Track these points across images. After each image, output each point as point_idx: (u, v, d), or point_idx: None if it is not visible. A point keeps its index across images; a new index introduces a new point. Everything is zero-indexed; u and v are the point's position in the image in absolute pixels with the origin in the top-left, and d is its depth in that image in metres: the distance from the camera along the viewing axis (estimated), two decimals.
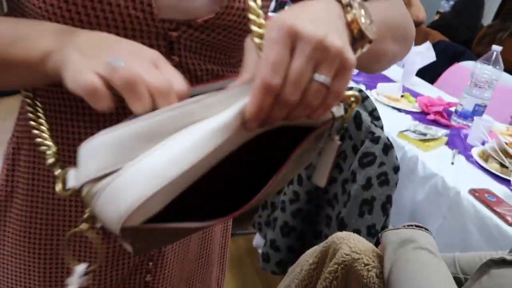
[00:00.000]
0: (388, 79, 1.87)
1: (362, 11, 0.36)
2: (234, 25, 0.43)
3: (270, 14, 0.55)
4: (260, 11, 0.34)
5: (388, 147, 1.01)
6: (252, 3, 0.34)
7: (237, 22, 0.43)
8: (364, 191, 1.02)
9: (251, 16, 0.33)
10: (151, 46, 0.39)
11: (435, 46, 2.54)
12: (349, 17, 0.35)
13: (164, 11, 0.40)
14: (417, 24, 2.94)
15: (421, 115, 1.51)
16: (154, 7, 0.39)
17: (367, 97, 1.15)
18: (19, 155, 0.48)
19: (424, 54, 1.80)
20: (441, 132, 1.31)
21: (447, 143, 1.31)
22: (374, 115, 1.15)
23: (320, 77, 0.31)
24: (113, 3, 0.38)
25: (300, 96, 0.31)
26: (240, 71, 0.35)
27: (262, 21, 0.33)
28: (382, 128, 1.13)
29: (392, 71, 2.00)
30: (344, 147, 1.11)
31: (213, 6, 0.42)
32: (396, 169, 1.02)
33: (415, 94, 1.70)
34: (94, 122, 0.44)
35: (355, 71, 1.83)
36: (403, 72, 1.88)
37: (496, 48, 1.42)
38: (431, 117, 1.48)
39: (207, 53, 0.45)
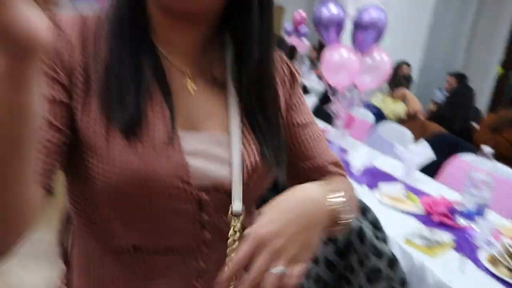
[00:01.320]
0: (389, 177, 1.93)
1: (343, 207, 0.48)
2: (260, 181, 0.56)
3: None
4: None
5: (393, 261, 1.03)
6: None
7: (254, 187, 0.54)
8: None
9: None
10: (184, 209, 0.51)
11: (433, 138, 2.64)
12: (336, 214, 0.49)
13: (196, 179, 0.50)
14: (413, 116, 3.10)
15: (426, 217, 1.53)
16: (190, 177, 0.49)
17: (369, 209, 1.20)
18: None
19: (422, 153, 1.88)
20: (446, 236, 1.33)
21: (454, 248, 1.32)
22: (377, 227, 1.18)
23: (275, 270, 0.43)
24: (162, 179, 0.47)
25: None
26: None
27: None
28: (385, 240, 1.16)
29: (393, 167, 2.07)
30: (350, 261, 1.13)
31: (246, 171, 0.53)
32: (403, 283, 1.03)
33: (418, 193, 1.73)
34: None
35: (360, 170, 1.90)
36: (403, 170, 1.94)
37: (488, 149, 1.50)
38: (436, 218, 1.50)
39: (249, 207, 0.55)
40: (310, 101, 2.86)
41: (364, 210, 1.22)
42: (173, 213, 0.51)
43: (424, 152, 1.89)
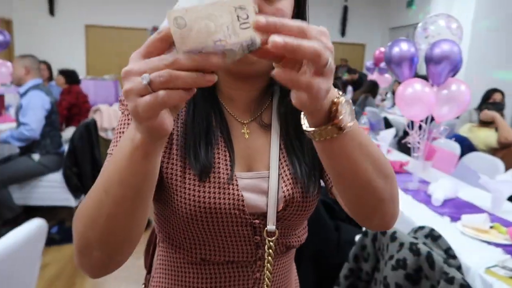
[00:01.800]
0: (475, 208, 1.86)
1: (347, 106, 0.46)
2: (296, 212, 0.66)
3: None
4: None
5: (465, 287, 1.05)
6: None
7: (296, 213, 0.66)
8: None
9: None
10: (241, 231, 0.64)
11: None
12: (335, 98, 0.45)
13: (250, 208, 0.64)
14: (507, 145, 2.90)
15: None
16: (245, 207, 0.63)
17: (440, 236, 1.23)
18: None
19: (510, 182, 1.80)
20: None
21: None
22: (450, 254, 1.20)
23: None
24: (222, 207, 0.62)
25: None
26: None
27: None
28: (459, 267, 1.17)
29: (479, 198, 1.99)
30: (422, 287, 1.16)
31: (280, 201, 0.65)
32: None
33: (507, 224, 1.66)
34: None
35: (440, 202, 1.88)
36: (491, 201, 1.87)
37: None
38: None
39: (280, 231, 0.67)
40: (390, 133, 2.88)
41: (435, 237, 1.25)
42: (232, 235, 0.65)
43: None
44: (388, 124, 4.45)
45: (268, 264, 0.67)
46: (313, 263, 1.64)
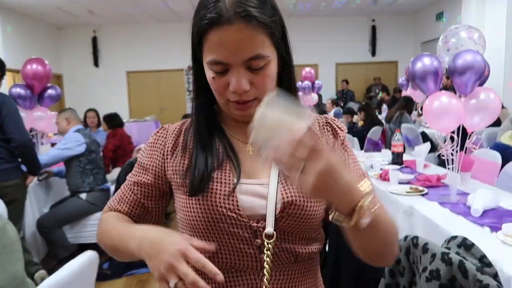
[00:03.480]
0: None
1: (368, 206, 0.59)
2: (296, 215, 0.73)
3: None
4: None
5: None
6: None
7: (296, 217, 0.73)
8: None
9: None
10: (241, 234, 0.71)
11: None
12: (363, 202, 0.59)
13: (249, 211, 0.72)
14: None
15: None
16: (240, 208, 0.71)
17: (473, 244, 1.22)
18: None
19: None
20: None
21: None
22: (485, 262, 1.18)
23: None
24: (220, 211, 0.71)
25: None
26: None
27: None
28: (496, 275, 1.15)
29: None
30: None
31: (281, 204, 0.72)
32: None
33: None
34: None
35: (480, 212, 1.84)
36: None
37: None
38: None
39: (278, 235, 0.73)
40: (425, 147, 2.84)
41: (468, 246, 1.24)
42: (233, 238, 0.72)
43: None
44: (426, 139, 4.36)
45: (267, 266, 0.71)
46: (353, 280, 1.65)
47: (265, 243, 0.72)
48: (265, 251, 0.72)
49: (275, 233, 0.72)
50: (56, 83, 8.99)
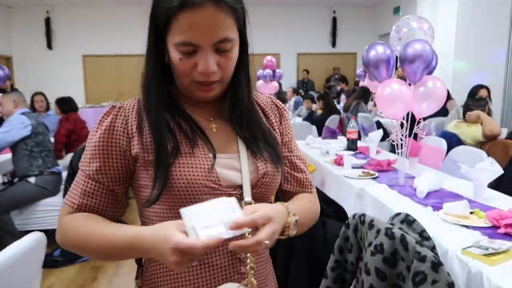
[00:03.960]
0: (458, 197, 1.93)
1: (294, 226, 0.77)
2: (268, 183, 0.83)
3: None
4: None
5: (436, 264, 1.11)
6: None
7: (269, 185, 0.83)
8: None
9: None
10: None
11: None
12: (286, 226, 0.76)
13: (227, 182, 0.79)
14: (492, 137, 2.97)
15: (492, 230, 1.53)
16: (220, 180, 0.78)
17: (414, 220, 1.29)
18: None
19: (489, 170, 1.87)
20: (507, 245, 1.33)
21: None
22: (424, 236, 1.26)
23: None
24: (202, 183, 0.75)
25: None
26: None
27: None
28: (434, 247, 1.23)
29: (461, 187, 2.06)
30: (399, 269, 1.22)
31: (255, 175, 0.81)
32: (451, 286, 1.09)
33: (487, 209, 1.72)
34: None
35: (424, 194, 1.95)
36: (473, 189, 1.93)
37: None
38: (502, 230, 1.49)
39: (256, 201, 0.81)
40: (377, 135, 2.96)
41: (410, 221, 1.31)
42: None
43: (492, 168, 1.87)
44: (380, 127, 4.53)
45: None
46: (305, 259, 1.70)
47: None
48: None
49: (253, 201, 0.79)
50: (4, 64, 8.47)
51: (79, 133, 4.26)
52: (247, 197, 0.79)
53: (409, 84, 2.21)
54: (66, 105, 4.33)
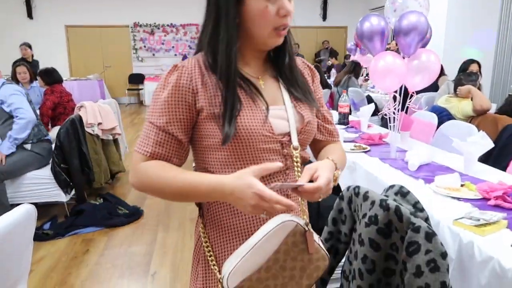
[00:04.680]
0: (449, 170, 1.95)
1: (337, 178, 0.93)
2: (310, 131, 0.98)
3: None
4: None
5: (430, 234, 1.12)
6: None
7: (310, 131, 0.98)
8: (416, 278, 1.12)
9: None
10: (272, 148, 0.90)
11: (504, 130, 2.56)
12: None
13: (278, 130, 0.91)
14: (482, 112, 3.00)
15: (482, 202, 1.56)
16: (273, 129, 0.90)
17: (408, 192, 1.30)
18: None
19: (480, 143, 1.89)
20: (497, 216, 1.36)
21: (508, 226, 1.34)
22: (418, 207, 1.27)
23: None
24: (259, 132, 0.88)
25: None
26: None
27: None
28: (427, 219, 1.25)
29: (452, 161, 2.08)
30: (393, 239, 1.23)
31: (300, 124, 0.95)
32: (444, 255, 1.11)
33: (478, 182, 1.75)
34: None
35: (416, 167, 1.96)
36: (464, 162, 1.95)
37: None
38: (492, 202, 1.52)
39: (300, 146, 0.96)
40: (369, 109, 2.96)
41: (404, 193, 1.32)
42: (265, 151, 0.89)
43: (483, 142, 1.89)
44: (371, 102, 4.53)
45: (297, 169, 0.93)
46: None
47: (293, 152, 0.93)
48: (294, 159, 0.93)
49: (298, 145, 0.94)
50: None
51: (65, 105, 4.16)
52: (295, 141, 0.93)
53: (403, 57, 2.19)
54: (50, 76, 4.19)
